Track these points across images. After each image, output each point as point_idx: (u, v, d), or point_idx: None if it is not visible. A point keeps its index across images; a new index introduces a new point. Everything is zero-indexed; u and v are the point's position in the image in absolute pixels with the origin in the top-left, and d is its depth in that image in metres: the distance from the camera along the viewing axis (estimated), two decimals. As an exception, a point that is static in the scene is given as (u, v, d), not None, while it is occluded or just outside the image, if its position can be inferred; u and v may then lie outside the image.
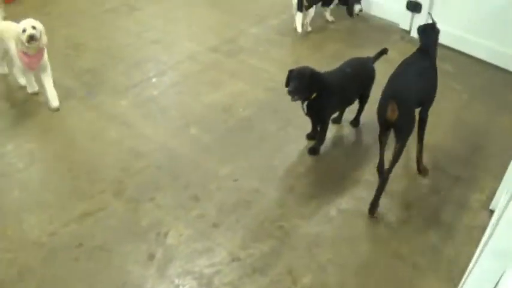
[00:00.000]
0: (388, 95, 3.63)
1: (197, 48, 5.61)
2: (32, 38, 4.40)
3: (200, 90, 4.98)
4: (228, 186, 3.93)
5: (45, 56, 4.66)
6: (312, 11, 5.93)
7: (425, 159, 4.16)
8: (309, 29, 6.05)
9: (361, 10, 6.10)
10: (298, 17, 5.79)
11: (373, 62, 4.45)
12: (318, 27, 6.12)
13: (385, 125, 3.71)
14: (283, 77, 4.03)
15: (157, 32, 5.96)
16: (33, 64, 4.62)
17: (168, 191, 3.88)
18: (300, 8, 5.76)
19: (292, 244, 3.53)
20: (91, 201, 3.79)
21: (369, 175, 4.05)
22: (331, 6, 6.15)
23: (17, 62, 4.68)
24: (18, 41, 4.47)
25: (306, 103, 4.10)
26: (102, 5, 6.60)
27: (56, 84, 4.72)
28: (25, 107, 4.77)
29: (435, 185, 4.04)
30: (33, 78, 4.80)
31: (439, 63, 4.08)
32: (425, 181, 4.06)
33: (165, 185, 3.93)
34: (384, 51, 4.45)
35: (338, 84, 4.15)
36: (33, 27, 4.42)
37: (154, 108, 4.72)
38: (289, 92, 3.92)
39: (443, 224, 3.74)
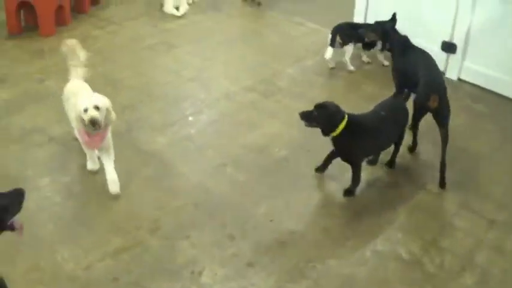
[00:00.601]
0: (429, 87, 4.30)
1: (234, 88, 5.69)
2: (94, 123, 3.89)
3: (237, 129, 5.04)
4: (263, 226, 3.94)
5: (109, 135, 4.20)
6: (349, 48, 5.97)
7: (459, 202, 4.15)
8: (351, 68, 6.08)
9: None
10: (329, 51, 5.87)
11: (405, 102, 4.47)
12: (355, 67, 6.16)
13: (424, 113, 4.38)
14: (318, 117, 4.07)
15: (195, 70, 6.07)
16: (94, 144, 4.17)
17: (204, 229, 3.91)
18: (332, 43, 5.82)
19: (326, 285, 3.52)
20: (127, 237, 3.82)
21: (404, 217, 4.04)
22: (372, 50, 6.16)
23: (76, 135, 4.31)
24: (78, 118, 3.96)
25: (331, 138, 4.11)
26: (141, 42, 6.76)
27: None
28: (64, 140, 4.86)
29: (470, 228, 4.00)
30: (95, 154, 4.39)
31: (471, 104, 4.08)
32: (459, 223, 4.03)
33: (201, 223, 3.96)
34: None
35: (372, 128, 4.16)
36: (97, 108, 3.88)
37: (191, 147, 4.78)
38: (300, 114, 4.05)
39: (478, 267, 3.69)
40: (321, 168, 4.44)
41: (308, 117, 4.04)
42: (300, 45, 6.76)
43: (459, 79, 5.89)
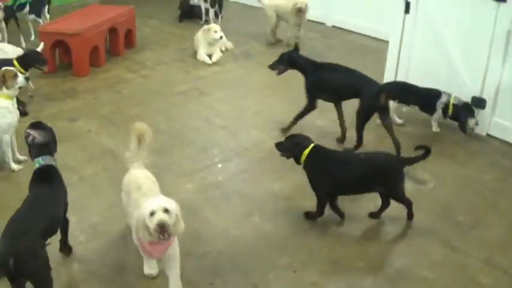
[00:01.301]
0: (375, 88, 5.18)
1: (263, 136, 5.74)
2: (162, 229, 3.22)
3: (264, 178, 5.07)
4: (286, 276, 3.93)
5: (176, 243, 3.57)
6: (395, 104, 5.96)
7: (484, 258, 4.11)
8: (398, 121, 6.08)
9: (477, 124, 5.82)
10: None
11: (410, 164, 4.38)
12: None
13: (372, 114, 5.26)
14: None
15: (225, 118, 6.16)
16: (156, 253, 3.55)
17: (228, 277, 3.91)
18: None
19: None
20: (150, 281, 3.84)
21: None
22: (435, 116, 5.93)
23: (134, 240, 3.66)
24: (140, 225, 3.32)
25: (302, 167, 4.43)
26: (174, 88, 6.90)
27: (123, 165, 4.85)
28: (93, 181, 4.95)
29: (495, 285, 3.95)
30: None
31: (500, 159, 4.04)
32: (484, 280, 3.97)
33: (225, 271, 3.96)
34: (426, 154, 4.31)
35: (338, 163, 4.37)
36: (166, 211, 3.27)
37: (218, 194, 4.83)
38: (275, 144, 4.54)
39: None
40: (339, 213, 4.52)
41: (279, 146, 4.49)
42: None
43: (488, 134, 5.86)
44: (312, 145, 4.36)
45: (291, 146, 4.42)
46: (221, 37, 7.92)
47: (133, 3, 8.97)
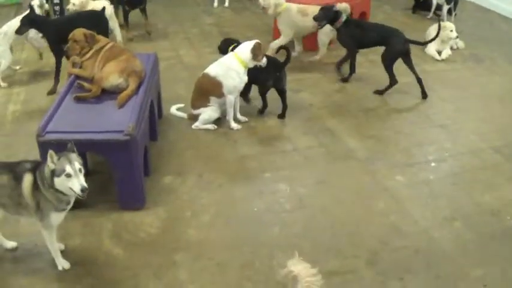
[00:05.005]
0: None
1: (481, 144, 5.54)
2: None
3: (474, 186, 4.91)
4: (476, 290, 3.84)
5: None
6: None
7: None
8: None
9: None
10: None
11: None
12: None
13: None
14: None
15: (446, 118, 6.04)
16: None
17: (418, 276, 3.88)
18: None
19: None
20: (343, 262, 3.94)
21: None
22: None
23: None
24: None
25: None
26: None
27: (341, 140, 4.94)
28: (308, 153, 5.13)
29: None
30: None
31: None
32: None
33: (417, 269, 3.93)
34: None
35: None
36: None
37: (425, 192, 4.77)
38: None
39: None
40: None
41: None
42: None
43: None
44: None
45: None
46: (457, 36, 7.72)
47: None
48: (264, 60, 5.40)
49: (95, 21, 6.27)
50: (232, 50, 5.58)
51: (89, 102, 4.77)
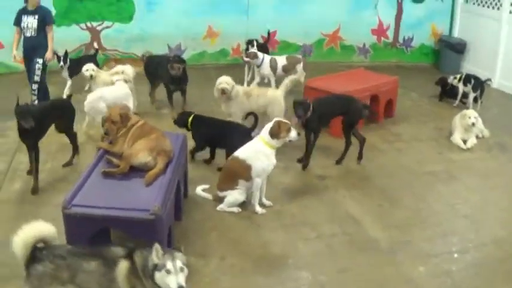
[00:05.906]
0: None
1: (506, 236, 5.47)
2: None
3: (497, 279, 4.83)
4: None
5: None
6: None
7: None
8: None
9: None
10: None
11: None
12: None
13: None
14: None
15: (470, 208, 6.02)
16: None
17: None
18: None
19: None
20: None
21: None
22: None
23: None
24: None
25: None
26: (424, 166, 6.89)
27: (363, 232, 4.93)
28: (331, 241, 5.11)
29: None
30: None
31: None
32: None
33: None
34: None
35: None
36: None
37: (448, 284, 4.70)
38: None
39: None
40: None
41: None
42: None
43: None
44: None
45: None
46: (473, 124, 7.71)
47: (396, 74, 9.17)
48: (293, 134, 5.50)
49: (64, 111, 6.54)
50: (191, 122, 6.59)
51: (117, 178, 4.88)
